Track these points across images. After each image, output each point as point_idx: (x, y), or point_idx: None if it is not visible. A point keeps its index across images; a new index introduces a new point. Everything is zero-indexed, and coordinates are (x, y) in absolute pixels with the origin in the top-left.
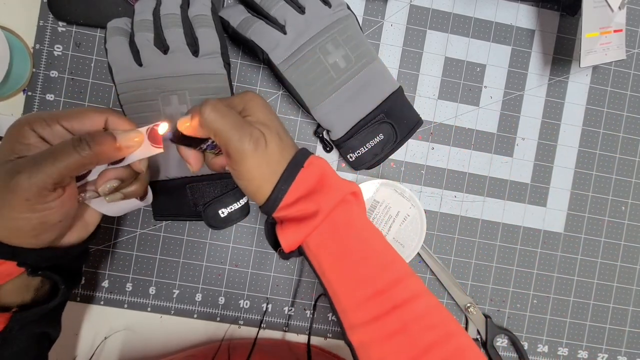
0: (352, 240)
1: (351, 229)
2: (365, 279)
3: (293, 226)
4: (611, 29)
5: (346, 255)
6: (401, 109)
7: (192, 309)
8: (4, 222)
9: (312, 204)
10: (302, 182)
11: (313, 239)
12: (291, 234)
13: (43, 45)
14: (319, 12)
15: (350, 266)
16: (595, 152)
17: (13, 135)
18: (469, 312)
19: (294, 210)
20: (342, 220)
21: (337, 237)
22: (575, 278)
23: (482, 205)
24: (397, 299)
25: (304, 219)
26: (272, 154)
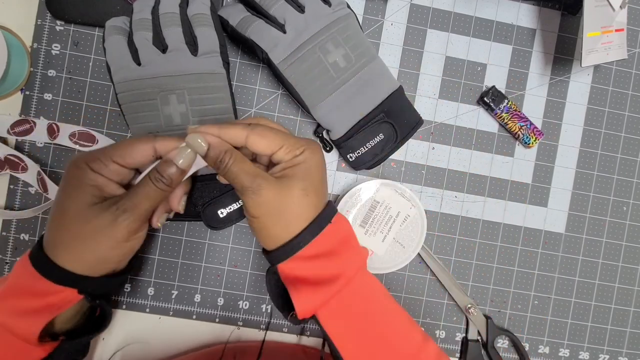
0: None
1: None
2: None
3: (310, 289)
4: (612, 28)
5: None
6: (401, 109)
7: (191, 310)
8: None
9: (333, 266)
10: (330, 236)
11: (332, 308)
12: (308, 298)
13: (41, 44)
14: (319, 11)
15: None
16: (597, 152)
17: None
18: (470, 313)
19: (312, 267)
20: (362, 287)
21: (359, 307)
22: (576, 279)
23: (482, 205)
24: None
25: (322, 282)
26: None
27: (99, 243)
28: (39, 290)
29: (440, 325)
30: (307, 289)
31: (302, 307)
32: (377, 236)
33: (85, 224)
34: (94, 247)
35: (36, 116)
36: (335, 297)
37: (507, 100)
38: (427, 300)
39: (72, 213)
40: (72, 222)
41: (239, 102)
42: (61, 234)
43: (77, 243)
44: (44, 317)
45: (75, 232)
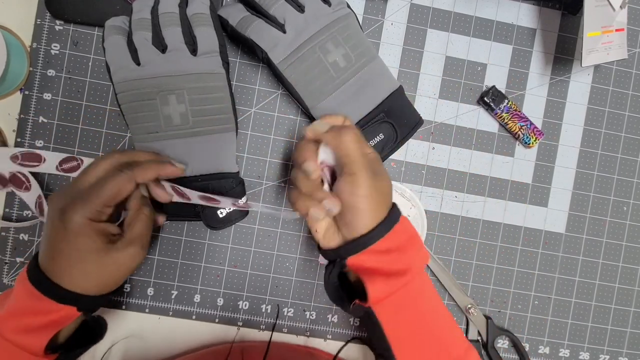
0: (427, 308)
1: (429, 295)
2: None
3: (383, 279)
4: (613, 28)
5: (423, 320)
6: (401, 109)
7: (190, 310)
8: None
9: (403, 261)
10: (399, 234)
11: (395, 301)
12: (381, 285)
13: (40, 44)
14: (319, 11)
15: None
16: (597, 152)
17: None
18: (470, 313)
19: (383, 261)
20: (421, 286)
21: (417, 302)
22: (576, 279)
23: (483, 205)
24: None
25: (392, 275)
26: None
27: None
28: (41, 309)
29: None
30: (380, 279)
31: (375, 294)
32: None
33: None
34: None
35: (35, 115)
36: (400, 290)
37: (507, 100)
38: None
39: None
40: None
41: (238, 102)
42: (70, 268)
43: (90, 276)
44: (48, 333)
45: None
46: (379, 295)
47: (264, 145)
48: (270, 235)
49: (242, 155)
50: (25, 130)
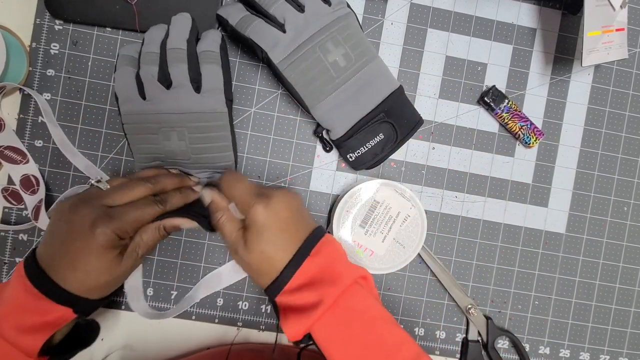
0: (358, 328)
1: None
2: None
3: (295, 316)
4: (613, 28)
5: (353, 344)
6: (402, 109)
7: (190, 311)
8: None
9: (314, 294)
10: (307, 270)
11: (319, 329)
12: (293, 324)
13: (40, 44)
14: (319, 11)
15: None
16: (597, 152)
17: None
18: (470, 313)
19: (296, 298)
20: (346, 309)
21: (342, 327)
22: (577, 279)
23: (483, 205)
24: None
25: (305, 309)
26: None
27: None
28: (39, 308)
29: (440, 325)
30: (292, 315)
31: (290, 331)
32: (377, 236)
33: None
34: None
35: (34, 115)
36: (319, 322)
37: (507, 100)
38: (427, 300)
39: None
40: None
41: (238, 101)
42: (74, 272)
43: (90, 281)
44: (44, 334)
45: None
46: (294, 330)
47: (263, 145)
48: None
49: (242, 155)
50: (25, 130)
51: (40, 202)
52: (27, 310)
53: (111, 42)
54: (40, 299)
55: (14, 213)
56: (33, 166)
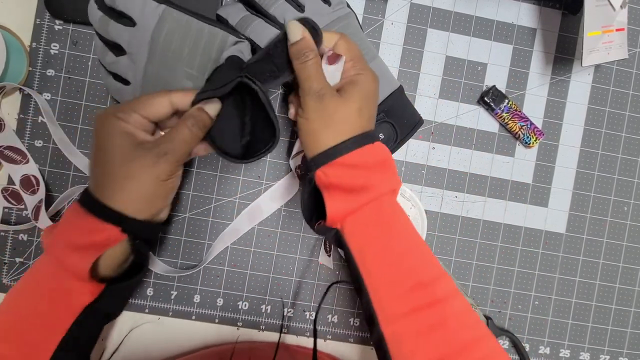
0: (398, 230)
1: (398, 218)
2: (408, 270)
3: (342, 195)
4: (613, 28)
5: (391, 244)
6: (401, 108)
7: (190, 311)
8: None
9: (367, 177)
10: (368, 153)
11: (358, 219)
12: (340, 203)
13: (40, 44)
14: (319, 11)
15: (394, 255)
16: (597, 152)
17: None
18: None
19: (346, 175)
20: (390, 208)
21: (384, 223)
22: (577, 279)
23: (483, 205)
24: (438, 293)
25: (354, 191)
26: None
27: (142, 181)
28: (87, 227)
29: None
30: (340, 194)
31: (333, 210)
32: None
33: (131, 163)
34: (138, 185)
35: (34, 115)
36: (363, 208)
37: (507, 100)
38: None
39: (117, 155)
40: (117, 163)
41: None
42: (107, 175)
43: (124, 182)
44: (92, 254)
45: (121, 172)
46: (338, 210)
47: None
48: (270, 235)
49: None
50: (25, 130)
51: (40, 202)
52: (77, 229)
53: None
54: (87, 217)
55: (14, 213)
56: (33, 166)
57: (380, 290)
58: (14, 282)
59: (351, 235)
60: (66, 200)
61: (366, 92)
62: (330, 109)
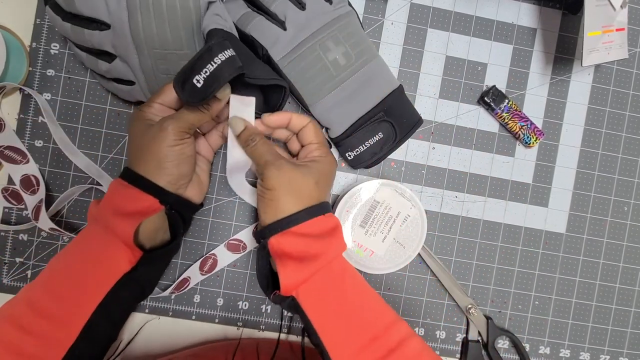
0: (349, 289)
1: (348, 278)
2: (362, 326)
3: (294, 264)
4: (613, 28)
5: (344, 303)
6: (401, 108)
7: (190, 311)
8: (156, 160)
9: (318, 246)
10: (321, 223)
11: (312, 286)
12: (292, 272)
13: (40, 44)
14: (320, 9)
15: (348, 314)
16: (598, 152)
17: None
18: (470, 313)
19: (299, 244)
20: (340, 269)
21: (336, 286)
22: (577, 279)
23: (483, 205)
24: (391, 343)
25: (305, 259)
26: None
27: (152, 147)
28: (130, 196)
29: (440, 325)
30: (292, 263)
31: (286, 280)
32: (377, 236)
33: (143, 136)
34: (151, 151)
35: (34, 115)
36: (315, 275)
37: (507, 100)
38: (427, 300)
39: (136, 134)
40: (137, 140)
41: None
42: (132, 152)
43: (141, 153)
44: (137, 219)
45: (139, 145)
46: (290, 279)
47: None
48: None
49: None
50: (25, 130)
51: (40, 202)
52: (122, 198)
53: None
54: (131, 188)
55: (14, 213)
56: (33, 166)
57: (338, 351)
58: (14, 282)
59: (306, 302)
60: (66, 200)
61: (325, 172)
62: (289, 176)
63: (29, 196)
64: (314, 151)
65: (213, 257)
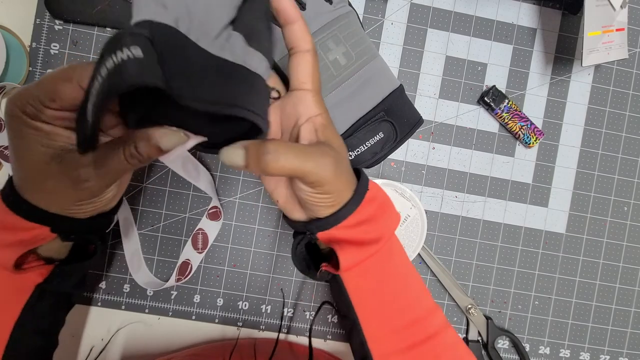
0: (395, 269)
1: (396, 258)
2: (403, 307)
3: (354, 248)
4: (613, 28)
5: (388, 283)
6: (402, 108)
7: (190, 311)
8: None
9: (375, 229)
10: (367, 205)
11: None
12: (353, 255)
13: (40, 44)
14: (320, 9)
15: (391, 294)
16: (598, 152)
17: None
18: (470, 313)
19: (355, 232)
20: (389, 251)
21: (382, 265)
22: (577, 279)
23: (483, 205)
24: (430, 329)
25: (365, 243)
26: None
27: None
28: (10, 225)
29: None
30: (352, 248)
31: (346, 262)
32: None
33: (45, 181)
34: (58, 201)
35: None
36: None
37: (507, 100)
38: None
39: (30, 166)
40: (32, 174)
41: None
42: (25, 181)
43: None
44: (16, 251)
45: (37, 184)
46: (351, 263)
47: None
48: (270, 235)
49: None
50: None
51: None
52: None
53: None
54: (9, 214)
55: None
56: None
57: (375, 329)
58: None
59: (352, 281)
60: None
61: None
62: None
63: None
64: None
65: (201, 232)
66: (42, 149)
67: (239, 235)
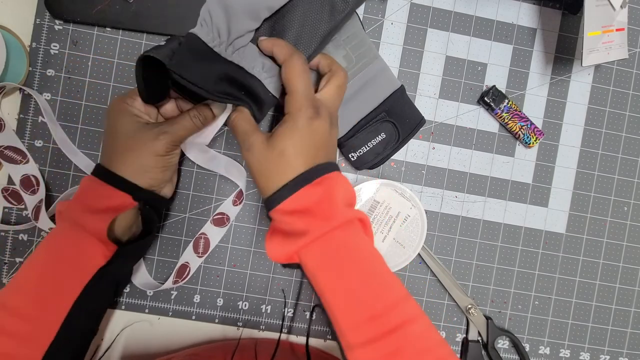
0: (351, 264)
1: (350, 252)
2: (363, 302)
3: (280, 238)
4: (613, 28)
5: (344, 278)
6: (403, 108)
7: (190, 311)
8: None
9: (302, 223)
10: (302, 197)
11: (309, 258)
12: (276, 245)
13: (40, 44)
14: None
15: (348, 288)
16: (598, 152)
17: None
18: (470, 313)
19: (286, 221)
20: (340, 243)
21: (334, 259)
22: (577, 279)
23: (483, 205)
24: (392, 323)
25: (291, 235)
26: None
27: (142, 153)
28: (102, 194)
29: (440, 325)
30: (277, 236)
31: (272, 252)
32: (377, 236)
33: (134, 138)
34: (139, 157)
35: (34, 115)
36: (308, 250)
37: (507, 100)
38: (427, 300)
39: (123, 132)
40: (123, 138)
41: None
42: (115, 149)
43: (127, 154)
44: (109, 216)
45: (126, 145)
46: (277, 254)
47: None
48: None
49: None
50: (25, 130)
51: (40, 202)
52: (93, 195)
53: (111, 42)
54: (102, 185)
55: (14, 213)
56: (33, 166)
57: (339, 322)
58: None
59: (308, 272)
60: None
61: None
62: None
63: (29, 196)
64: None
65: (203, 237)
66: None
67: (239, 235)
